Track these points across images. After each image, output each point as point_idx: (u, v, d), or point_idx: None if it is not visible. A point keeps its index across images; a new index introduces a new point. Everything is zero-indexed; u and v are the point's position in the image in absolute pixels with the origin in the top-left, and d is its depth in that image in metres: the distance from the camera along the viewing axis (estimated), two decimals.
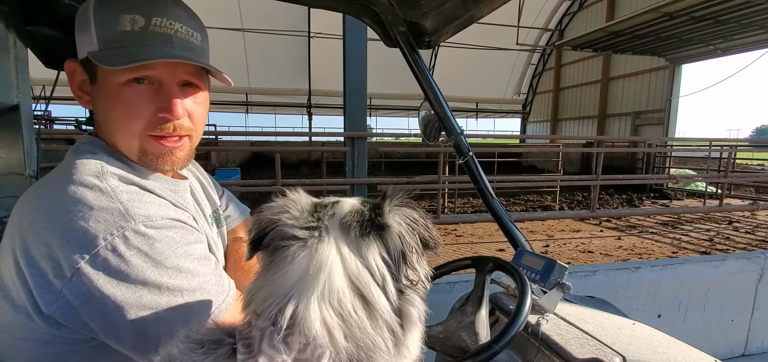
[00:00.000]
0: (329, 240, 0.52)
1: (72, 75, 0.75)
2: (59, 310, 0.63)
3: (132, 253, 0.63)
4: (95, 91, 0.74)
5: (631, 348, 0.89)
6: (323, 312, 0.47)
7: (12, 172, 1.41)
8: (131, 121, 0.71)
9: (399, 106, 22.08)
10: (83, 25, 0.71)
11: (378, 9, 1.32)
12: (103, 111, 0.74)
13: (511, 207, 9.59)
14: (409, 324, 0.52)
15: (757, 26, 9.55)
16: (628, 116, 15.93)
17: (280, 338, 0.46)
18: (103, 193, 0.66)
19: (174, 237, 0.69)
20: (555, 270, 1.02)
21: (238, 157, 15.53)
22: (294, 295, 0.48)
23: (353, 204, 0.57)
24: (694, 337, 2.59)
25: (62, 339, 0.65)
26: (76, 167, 0.68)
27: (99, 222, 0.63)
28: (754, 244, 6.55)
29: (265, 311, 0.49)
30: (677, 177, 11.53)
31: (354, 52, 5.91)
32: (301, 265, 0.50)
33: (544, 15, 18.79)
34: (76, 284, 0.61)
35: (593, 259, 5.61)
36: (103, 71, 0.70)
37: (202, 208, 0.91)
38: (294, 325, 0.47)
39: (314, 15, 16.87)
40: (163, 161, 0.75)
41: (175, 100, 0.72)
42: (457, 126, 1.41)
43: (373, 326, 0.49)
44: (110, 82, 0.70)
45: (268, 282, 0.52)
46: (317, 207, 0.57)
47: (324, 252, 0.50)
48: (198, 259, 0.71)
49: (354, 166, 6.16)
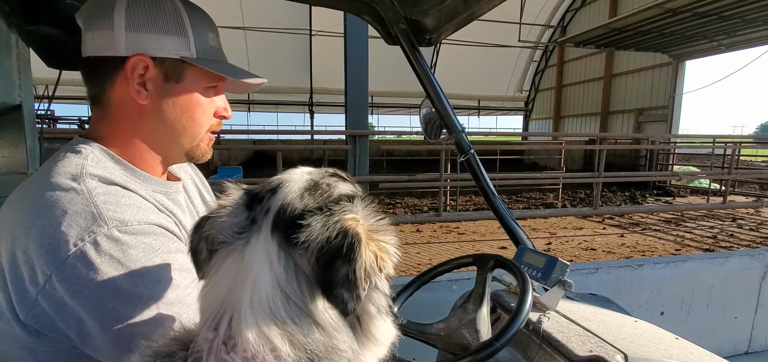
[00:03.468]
0: (257, 242, 0.48)
1: (135, 68, 0.71)
2: (36, 318, 0.60)
3: (102, 260, 0.61)
4: (173, 89, 0.75)
5: (634, 345, 0.88)
6: (258, 321, 0.44)
7: (15, 171, 1.41)
8: (205, 118, 0.81)
9: (400, 103, 22.01)
10: (173, 30, 0.73)
11: (379, 6, 1.32)
12: (176, 108, 0.77)
13: (513, 205, 9.57)
14: (368, 318, 0.50)
15: (761, 22, 9.47)
16: (631, 113, 15.85)
17: (226, 350, 0.45)
18: (78, 195, 0.63)
19: (152, 244, 0.66)
20: (557, 267, 1.02)
21: (241, 155, 15.58)
22: (228, 305, 0.46)
23: (289, 195, 0.51)
24: (698, 335, 2.58)
25: (46, 348, 0.63)
26: (54, 169, 0.66)
27: (71, 226, 0.61)
28: (758, 241, 6.52)
29: (207, 321, 0.48)
30: (680, 174, 11.48)
31: (355, 50, 5.91)
32: (229, 273, 0.48)
33: (546, 11, 18.69)
34: (49, 292, 0.59)
35: (596, 257, 5.59)
36: (193, 75, 0.77)
37: (195, 210, 0.90)
38: (233, 337, 0.45)
39: (315, 13, 16.85)
40: (208, 150, 0.85)
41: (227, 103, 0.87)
42: (459, 123, 1.40)
43: (319, 329, 0.47)
44: (199, 85, 0.78)
45: (208, 290, 0.50)
46: (253, 201, 0.53)
47: (251, 257, 0.48)
48: (178, 270, 0.68)
49: (356, 164, 6.17)
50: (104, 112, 0.76)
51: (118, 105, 0.74)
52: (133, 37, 0.70)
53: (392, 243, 0.52)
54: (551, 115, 20.92)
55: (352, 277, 0.45)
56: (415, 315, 0.97)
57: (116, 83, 0.73)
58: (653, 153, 12.61)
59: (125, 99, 0.73)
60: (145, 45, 0.71)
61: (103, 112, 0.76)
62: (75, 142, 0.73)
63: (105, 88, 0.74)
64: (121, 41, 0.70)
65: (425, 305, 1.23)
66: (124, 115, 0.75)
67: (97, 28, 0.71)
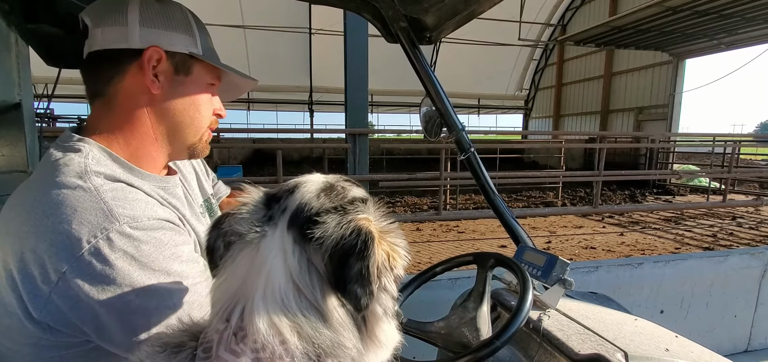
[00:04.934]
0: (273, 236, 0.50)
1: (151, 59, 0.76)
2: (50, 315, 0.62)
3: (117, 256, 0.62)
4: (182, 81, 0.81)
5: (634, 343, 0.88)
6: (270, 312, 0.46)
7: (15, 169, 1.42)
8: (208, 112, 0.87)
9: (400, 102, 22.01)
10: (182, 28, 0.80)
11: (379, 5, 1.32)
12: (184, 100, 0.82)
13: (513, 204, 9.57)
14: (374, 319, 0.51)
15: (761, 20, 9.46)
16: (631, 112, 15.85)
17: (236, 341, 0.46)
18: (86, 193, 0.64)
19: (161, 238, 0.68)
20: (557, 266, 1.02)
21: (240, 154, 15.57)
22: (241, 296, 0.48)
23: (306, 195, 0.53)
24: (697, 333, 2.58)
25: (58, 343, 0.64)
26: (58, 167, 0.67)
27: (82, 224, 0.62)
28: (758, 240, 6.52)
29: (219, 313, 0.49)
30: (680, 172, 11.48)
31: (355, 49, 5.90)
32: (244, 264, 0.50)
33: (546, 10, 18.67)
34: (63, 289, 0.60)
35: (596, 255, 5.60)
36: (199, 70, 0.83)
37: (193, 200, 0.92)
38: (244, 327, 0.46)
39: (315, 11, 16.81)
40: (207, 147, 0.91)
41: (221, 103, 0.92)
42: (459, 122, 1.40)
43: (327, 325, 0.48)
44: (204, 80, 0.85)
45: (221, 282, 0.52)
46: (271, 200, 0.55)
47: (266, 250, 0.49)
48: (186, 261, 0.71)
49: (356, 163, 6.17)
50: (107, 106, 0.77)
51: (127, 96, 0.77)
52: (147, 32, 0.76)
53: (402, 245, 0.54)
54: (551, 113, 20.91)
55: (366, 273, 0.46)
56: (415, 314, 0.97)
57: (127, 75, 0.76)
58: (653, 151, 12.61)
59: (136, 90, 0.77)
60: (158, 39, 0.76)
61: (107, 106, 0.77)
62: (68, 138, 0.73)
63: (113, 81, 0.76)
64: (136, 35, 0.75)
65: (425, 303, 1.23)
66: (131, 106, 0.78)
67: (110, 23, 0.75)
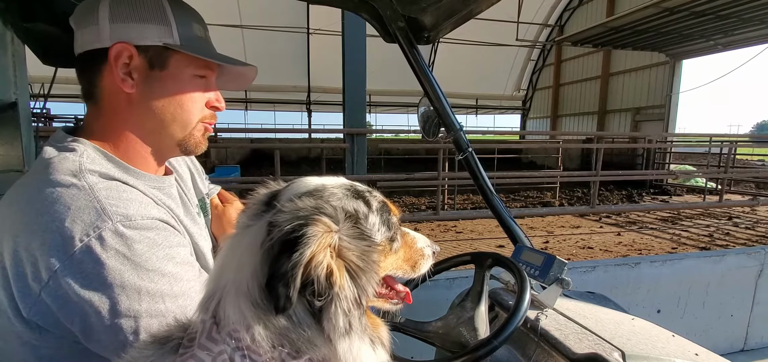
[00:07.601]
0: (253, 230, 0.52)
1: (119, 56, 0.72)
2: (39, 315, 0.61)
3: (108, 255, 0.61)
4: (158, 77, 0.76)
5: (631, 343, 0.89)
6: (240, 304, 0.47)
7: (10, 169, 1.41)
8: (194, 106, 0.81)
9: (398, 102, 22.01)
10: (155, 18, 0.74)
11: (377, 4, 1.32)
12: (163, 96, 0.77)
13: (510, 204, 9.59)
14: (335, 333, 0.49)
15: (757, 21, 9.52)
16: (628, 112, 15.90)
17: (217, 330, 0.48)
18: (80, 191, 0.64)
19: (155, 238, 0.67)
20: (554, 265, 1.02)
21: (238, 153, 15.53)
22: (219, 287, 0.50)
23: (293, 193, 0.55)
24: (694, 332, 2.59)
25: (47, 344, 0.63)
26: (53, 165, 0.66)
27: (75, 222, 0.61)
28: (754, 240, 6.56)
29: (203, 303, 0.52)
30: (677, 173, 11.52)
31: (353, 48, 5.89)
32: (227, 257, 0.52)
33: (543, 10, 18.71)
34: (54, 288, 0.60)
35: (593, 255, 5.62)
36: (178, 61, 0.77)
37: (188, 200, 0.91)
38: (220, 316, 0.48)
39: (313, 11, 16.79)
40: (203, 141, 0.85)
41: (220, 94, 0.86)
42: (457, 122, 1.40)
43: (289, 320, 0.48)
44: (184, 72, 0.78)
45: (209, 275, 0.55)
46: (272, 197, 0.56)
47: (245, 243, 0.51)
48: (181, 263, 0.69)
49: (353, 163, 6.16)
50: (97, 108, 0.77)
51: (108, 97, 0.76)
52: (117, 27, 0.72)
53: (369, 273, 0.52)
54: (549, 113, 20.96)
55: (289, 274, 0.44)
56: (413, 314, 0.97)
57: (104, 75, 0.75)
58: (650, 151, 12.64)
59: (113, 90, 0.75)
60: (128, 34, 0.73)
61: (96, 107, 0.77)
62: (62, 138, 0.73)
63: (95, 82, 0.76)
64: (106, 33, 0.72)
65: (423, 303, 1.22)
66: (114, 107, 0.76)
67: (86, 24, 0.73)
